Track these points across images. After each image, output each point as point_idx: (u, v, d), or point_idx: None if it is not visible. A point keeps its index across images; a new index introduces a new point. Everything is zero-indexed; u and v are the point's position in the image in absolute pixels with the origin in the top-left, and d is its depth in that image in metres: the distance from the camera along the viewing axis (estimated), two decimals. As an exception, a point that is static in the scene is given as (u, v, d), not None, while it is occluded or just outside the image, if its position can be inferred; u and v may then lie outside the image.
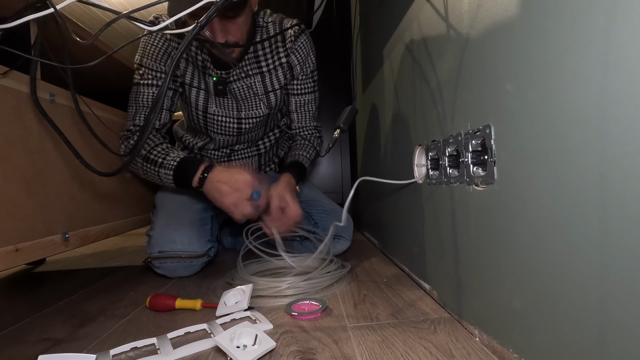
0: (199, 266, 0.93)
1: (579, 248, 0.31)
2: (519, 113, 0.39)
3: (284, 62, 0.99)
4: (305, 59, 1.01)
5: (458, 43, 0.51)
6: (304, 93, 1.05)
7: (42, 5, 0.52)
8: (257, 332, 0.49)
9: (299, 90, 1.04)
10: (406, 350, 0.47)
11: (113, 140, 1.15)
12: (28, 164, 0.80)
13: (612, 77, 0.27)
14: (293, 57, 0.99)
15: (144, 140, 0.58)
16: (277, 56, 0.99)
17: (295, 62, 1.00)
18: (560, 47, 0.32)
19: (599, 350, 0.29)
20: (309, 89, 1.05)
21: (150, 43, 0.91)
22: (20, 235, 0.76)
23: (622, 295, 0.27)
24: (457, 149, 0.53)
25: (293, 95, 1.05)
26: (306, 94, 1.05)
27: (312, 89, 1.06)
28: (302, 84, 1.04)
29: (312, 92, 1.06)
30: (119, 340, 0.56)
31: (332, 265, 0.83)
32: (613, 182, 0.28)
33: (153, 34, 0.91)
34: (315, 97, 1.08)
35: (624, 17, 0.26)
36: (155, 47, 0.91)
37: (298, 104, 1.06)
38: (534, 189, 0.37)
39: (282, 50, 0.99)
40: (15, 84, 0.78)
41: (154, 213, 0.98)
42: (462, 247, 0.53)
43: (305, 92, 1.05)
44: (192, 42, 0.53)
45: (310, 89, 1.05)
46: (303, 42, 1.00)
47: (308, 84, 1.05)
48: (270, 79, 1.00)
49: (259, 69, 0.98)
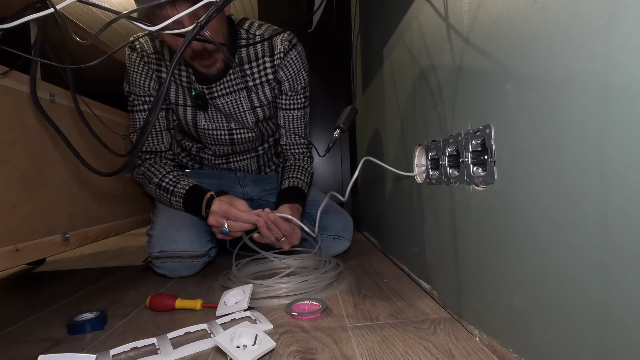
0: (200, 266, 0.93)
1: (579, 248, 0.31)
2: (519, 113, 0.39)
3: (271, 78, 0.95)
4: (296, 76, 0.97)
5: (458, 43, 0.51)
6: (293, 109, 1.00)
7: (42, 5, 0.52)
8: (257, 332, 0.49)
9: (287, 106, 1.00)
10: (406, 350, 0.47)
11: (113, 140, 1.16)
12: (28, 164, 0.80)
13: (612, 77, 0.27)
14: (282, 73, 0.95)
15: (143, 141, 0.58)
16: (264, 72, 0.95)
17: (284, 77, 0.96)
18: (560, 47, 0.32)
19: (599, 350, 0.29)
20: (298, 105, 1.01)
21: (132, 70, 0.92)
22: (20, 235, 0.76)
23: (622, 295, 0.27)
24: (457, 149, 0.53)
25: (281, 109, 1.01)
26: (294, 110, 1.01)
27: (302, 104, 1.01)
28: (291, 99, 0.99)
29: (301, 108, 1.01)
30: (119, 340, 0.56)
31: (328, 265, 0.83)
32: (613, 182, 0.28)
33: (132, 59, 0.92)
34: (304, 114, 1.03)
35: (624, 17, 0.26)
36: (136, 73, 0.92)
37: (286, 119, 1.01)
38: (534, 189, 0.37)
39: (270, 66, 0.94)
40: (15, 84, 0.78)
41: (155, 213, 0.98)
42: (462, 247, 0.53)
43: (293, 108, 1.00)
44: (191, 42, 0.52)
45: (299, 104, 1.01)
46: (293, 58, 0.94)
47: (298, 100, 1.00)
48: (257, 94, 0.96)
49: (245, 84, 0.95)
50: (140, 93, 0.93)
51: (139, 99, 0.94)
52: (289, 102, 1.00)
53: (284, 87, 0.97)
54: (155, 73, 0.93)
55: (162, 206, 0.98)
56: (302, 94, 1.00)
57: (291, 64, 0.95)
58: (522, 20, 0.37)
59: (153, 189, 0.93)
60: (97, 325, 0.62)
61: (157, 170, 0.94)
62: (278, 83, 0.97)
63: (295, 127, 1.03)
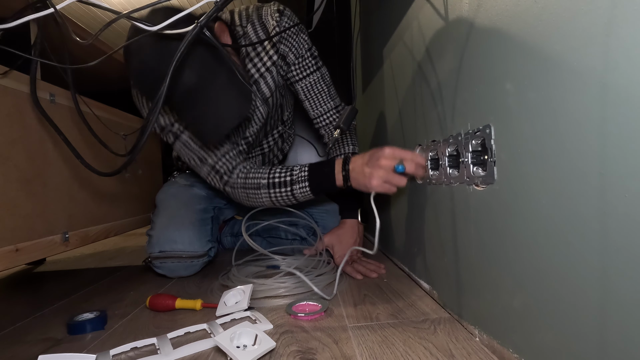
0: (199, 266, 0.93)
1: (579, 248, 0.31)
2: (519, 113, 0.39)
3: (275, 58, 0.90)
4: (296, 42, 0.90)
5: (458, 43, 0.51)
6: (307, 75, 0.93)
7: (42, 5, 0.52)
8: (257, 332, 0.49)
9: (300, 74, 0.93)
10: (406, 350, 0.47)
11: (113, 140, 1.16)
12: (28, 164, 0.80)
13: (612, 77, 0.27)
14: (282, 46, 0.89)
15: (143, 141, 0.57)
16: (267, 55, 0.90)
17: (285, 49, 0.90)
18: (560, 47, 0.32)
19: (599, 350, 0.29)
20: (311, 68, 0.93)
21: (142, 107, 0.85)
22: (20, 235, 0.77)
23: (622, 295, 0.27)
24: (457, 149, 0.53)
25: (296, 82, 0.94)
26: (309, 75, 0.93)
27: (314, 66, 0.94)
28: (301, 66, 0.93)
29: (315, 71, 0.94)
30: (119, 340, 0.56)
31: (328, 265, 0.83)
32: (613, 182, 0.28)
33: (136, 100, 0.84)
34: (321, 75, 0.95)
35: (624, 17, 0.26)
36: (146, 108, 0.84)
37: (305, 89, 0.94)
38: (534, 189, 0.37)
39: (270, 47, 0.89)
40: (15, 84, 0.78)
41: (155, 213, 0.97)
42: (462, 247, 0.53)
43: (307, 74, 0.93)
44: (191, 42, 0.52)
45: (311, 67, 0.93)
46: (286, 25, 0.88)
47: (308, 64, 0.93)
48: (266, 81, 0.92)
49: (253, 79, 0.91)
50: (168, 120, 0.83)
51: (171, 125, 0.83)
52: (299, 69, 0.93)
53: (289, 59, 0.92)
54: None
55: (162, 206, 0.98)
56: (309, 56, 0.93)
57: (287, 33, 0.89)
58: (522, 20, 0.37)
59: (265, 193, 0.82)
60: (97, 325, 0.62)
61: (255, 176, 0.82)
62: (283, 58, 0.91)
63: (317, 93, 0.95)
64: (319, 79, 0.94)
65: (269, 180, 0.81)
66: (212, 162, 0.84)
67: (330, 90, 0.96)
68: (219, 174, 0.85)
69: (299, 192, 0.80)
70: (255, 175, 0.82)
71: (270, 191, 0.81)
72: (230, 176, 0.84)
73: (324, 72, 0.96)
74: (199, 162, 0.85)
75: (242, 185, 0.83)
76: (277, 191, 0.81)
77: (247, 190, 0.83)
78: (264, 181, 0.81)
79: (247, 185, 0.83)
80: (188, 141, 0.83)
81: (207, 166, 0.84)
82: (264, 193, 0.82)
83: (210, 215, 1.01)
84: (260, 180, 0.81)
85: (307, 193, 0.80)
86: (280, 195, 0.81)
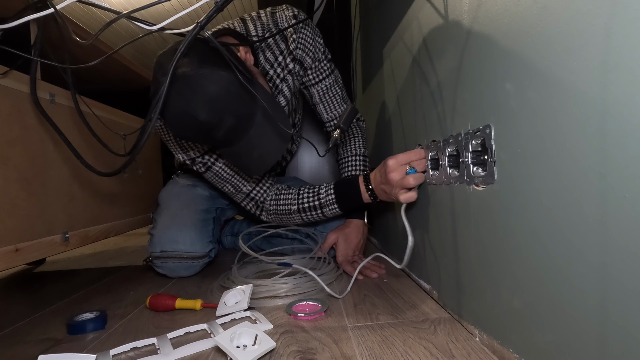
0: (200, 267, 0.93)
1: (579, 248, 0.31)
2: (519, 113, 0.39)
3: (291, 67, 0.90)
4: (312, 46, 0.91)
5: (458, 43, 0.51)
6: (323, 78, 0.95)
7: (42, 5, 0.52)
8: (257, 332, 0.49)
9: (316, 78, 0.94)
10: (406, 350, 0.47)
11: (113, 140, 1.16)
12: (28, 164, 0.80)
13: (612, 77, 0.27)
14: (299, 51, 0.90)
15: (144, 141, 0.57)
16: (285, 62, 0.90)
17: (302, 54, 0.90)
18: (560, 47, 0.32)
19: (599, 350, 0.29)
20: (326, 72, 0.95)
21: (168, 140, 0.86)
22: (20, 235, 0.76)
23: (622, 295, 0.27)
24: (457, 149, 0.53)
25: (312, 85, 0.95)
26: (325, 79, 0.95)
27: (329, 69, 0.95)
28: (317, 70, 0.94)
29: (330, 74, 0.95)
30: (119, 340, 0.56)
31: (328, 265, 0.83)
32: (613, 182, 0.28)
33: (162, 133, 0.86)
34: (335, 78, 0.97)
35: (624, 17, 0.26)
36: (173, 142, 0.86)
37: (321, 92, 0.96)
38: (534, 189, 0.37)
39: (288, 54, 0.90)
40: (15, 84, 0.78)
41: (157, 212, 0.97)
42: (462, 247, 0.53)
43: (323, 77, 0.95)
44: (191, 42, 0.52)
45: (327, 70, 0.95)
46: (303, 30, 0.89)
47: (324, 67, 0.94)
48: (282, 91, 0.92)
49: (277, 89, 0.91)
50: (194, 155, 0.86)
51: (198, 157, 0.86)
52: (316, 73, 0.94)
53: (306, 63, 0.92)
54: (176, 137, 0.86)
55: (164, 205, 0.98)
56: (325, 59, 0.94)
57: (304, 37, 0.90)
58: (522, 20, 0.37)
59: (297, 217, 0.88)
60: (97, 325, 0.62)
61: (285, 203, 0.88)
62: (300, 63, 0.92)
63: (331, 96, 0.97)
64: (334, 82, 0.97)
65: (299, 206, 0.87)
66: (247, 190, 0.89)
67: (343, 93, 0.99)
68: (254, 201, 0.91)
69: (329, 213, 0.86)
70: (285, 202, 0.88)
71: (302, 215, 0.88)
72: (264, 202, 0.90)
73: (337, 74, 0.98)
74: (232, 189, 0.90)
75: (275, 211, 0.90)
76: (308, 214, 0.87)
77: (280, 215, 0.90)
78: (294, 207, 0.87)
79: (279, 212, 0.89)
80: (220, 172, 0.87)
81: (242, 194, 0.90)
82: (296, 217, 0.89)
83: (212, 215, 1.01)
84: (290, 207, 0.88)
85: (338, 212, 0.86)
86: (312, 216, 0.88)
